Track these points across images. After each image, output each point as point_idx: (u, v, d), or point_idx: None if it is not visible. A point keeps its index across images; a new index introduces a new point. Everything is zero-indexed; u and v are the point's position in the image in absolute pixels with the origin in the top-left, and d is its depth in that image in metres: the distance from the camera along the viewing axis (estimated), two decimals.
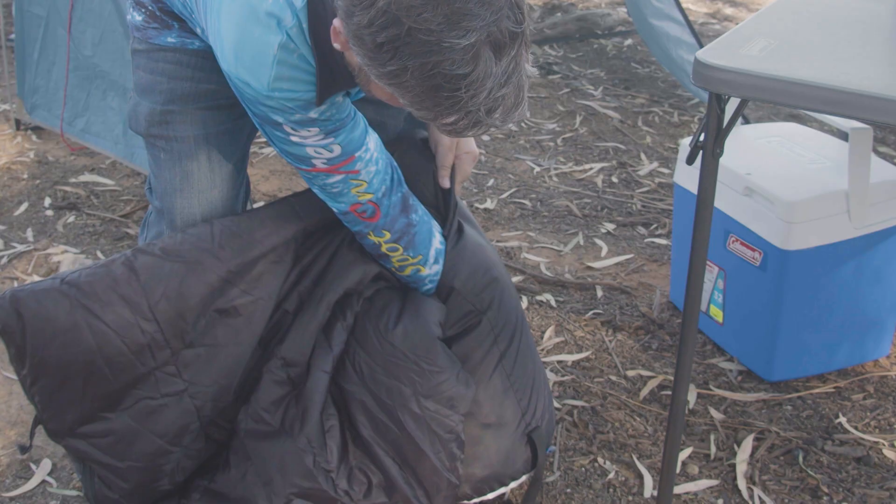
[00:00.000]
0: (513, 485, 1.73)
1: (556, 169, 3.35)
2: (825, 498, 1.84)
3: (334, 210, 1.57)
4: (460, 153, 1.73)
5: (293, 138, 1.42)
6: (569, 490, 1.85)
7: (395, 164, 1.59)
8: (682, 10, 3.67)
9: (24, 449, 1.61)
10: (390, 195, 1.56)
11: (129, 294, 1.52)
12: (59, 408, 1.54)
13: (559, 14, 5.12)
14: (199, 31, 1.51)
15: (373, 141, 1.51)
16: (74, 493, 1.83)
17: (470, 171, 1.76)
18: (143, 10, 1.58)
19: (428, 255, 1.63)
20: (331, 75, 1.34)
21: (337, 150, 1.45)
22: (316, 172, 1.48)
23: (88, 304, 1.50)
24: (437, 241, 1.64)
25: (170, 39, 1.58)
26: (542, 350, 2.28)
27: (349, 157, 1.47)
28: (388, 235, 1.58)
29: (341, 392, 1.61)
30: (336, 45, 1.25)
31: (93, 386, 1.52)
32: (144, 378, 1.54)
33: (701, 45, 3.26)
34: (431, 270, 1.64)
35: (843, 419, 2.06)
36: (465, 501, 1.70)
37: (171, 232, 1.67)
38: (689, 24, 3.66)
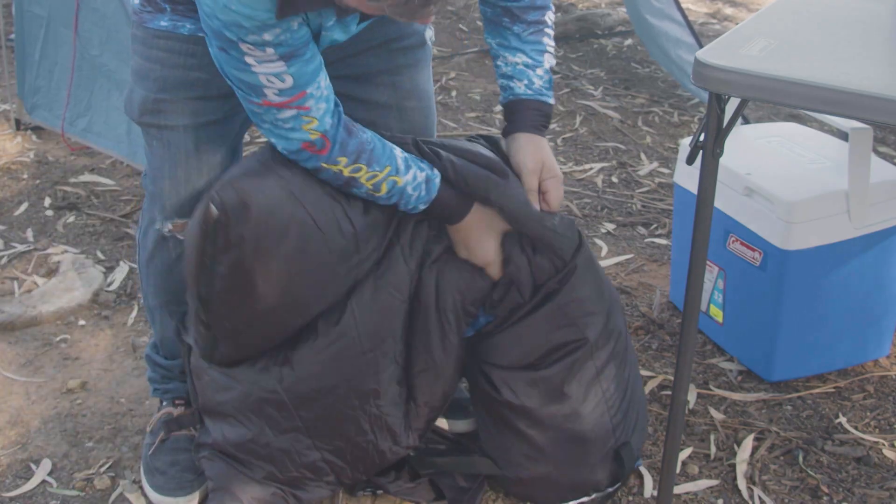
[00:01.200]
0: (595, 496, 1.79)
1: None
2: (825, 498, 1.84)
3: (284, 150, 1.55)
4: (546, 178, 1.71)
5: (247, 59, 1.40)
6: None
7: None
8: (681, 10, 3.67)
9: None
10: (337, 127, 1.54)
11: (335, 194, 1.61)
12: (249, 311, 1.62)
13: (559, 14, 5.12)
14: None
15: (324, 78, 1.50)
16: (74, 492, 1.83)
17: (561, 195, 1.74)
18: None
19: (396, 164, 1.58)
20: None
21: (289, 80, 1.43)
22: (267, 107, 1.46)
23: (302, 198, 1.58)
24: (400, 151, 1.61)
25: (162, 23, 1.59)
26: None
27: (301, 91, 1.45)
28: (344, 160, 1.54)
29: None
30: None
31: (292, 292, 1.62)
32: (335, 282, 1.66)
33: (700, 46, 3.26)
34: (409, 177, 1.59)
35: (843, 419, 2.06)
36: None
37: (162, 218, 1.70)
38: (689, 24, 3.66)
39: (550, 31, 1.76)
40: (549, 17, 1.76)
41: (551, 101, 1.77)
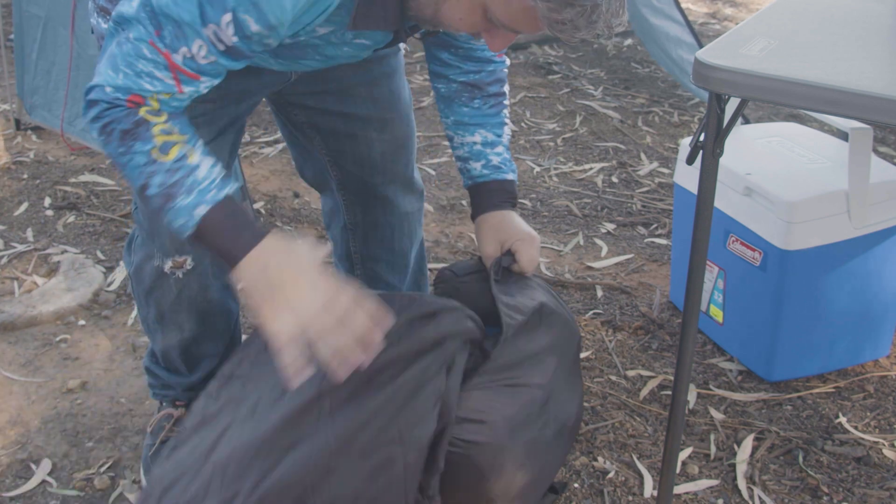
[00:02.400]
0: None
1: (556, 169, 3.35)
2: (825, 498, 1.84)
3: (108, 83, 1.26)
4: (514, 241, 1.62)
5: (211, 31, 1.23)
6: (569, 490, 1.85)
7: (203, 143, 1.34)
8: (681, 10, 3.67)
9: None
10: (182, 121, 1.32)
11: None
12: None
13: None
14: None
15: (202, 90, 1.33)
16: (74, 492, 1.83)
17: (535, 256, 1.61)
18: (108, 18, 1.52)
19: (196, 141, 1.30)
20: (371, 6, 1.32)
21: (205, 62, 1.27)
22: (163, 57, 1.25)
23: None
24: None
25: None
26: None
27: (197, 73, 1.28)
28: (153, 100, 1.28)
29: None
30: None
31: None
32: None
33: (700, 46, 3.26)
34: (206, 161, 1.29)
35: (843, 419, 2.06)
36: None
37: (161, 255, 1.64)
38: (689, 23, 3.66)
39: (507, 102, 1.71)
40: (507, 88, 1.72)
41: (511, 176, 1.70)
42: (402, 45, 1.79)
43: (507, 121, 1.73)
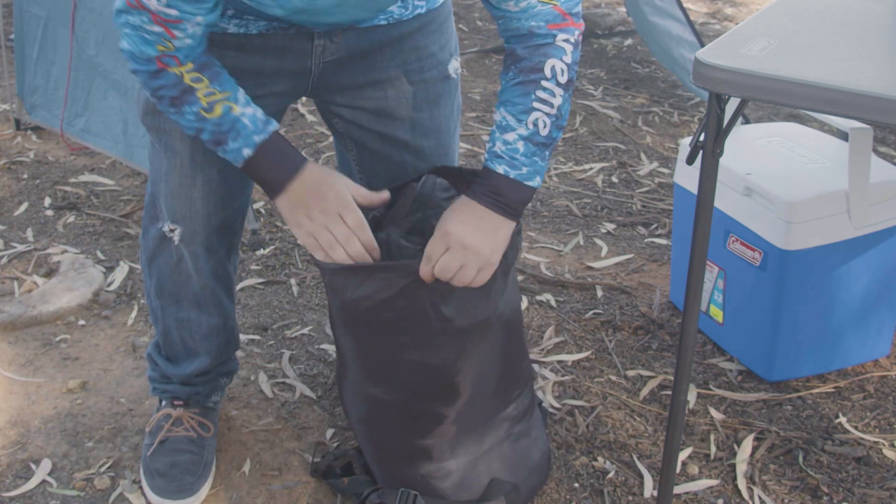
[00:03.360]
0: None
1: (556, 169, 3.35)
2: (825, 498, 1.84)
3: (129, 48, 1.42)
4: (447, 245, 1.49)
5: None
6: (569, 490, 1.85)
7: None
8: (683, 9, 3.67)
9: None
10: (194, 53, 1.45)
11: None
12: None
13: None
14: None
15: (200, 25, 1.42)
16: (74, 492, 1.83)
17: (449, 266, 1.48)
18: None
19: (237, 94, 1.47)
20: None
21: (173, 13, 1.35)
22: (139, 10, 1.36)
23: None
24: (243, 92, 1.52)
25: None
26: (542, 350, 2.28)
27: (178, 19, 1.36)
28: (190, 66, 1.44)
29: None
30: None
31: None
32: None
33: (702, 45, 3.26)
34: (248, 110, 1.47)
35: (843, 419, 2.06)
36: None
37: (162, 218, 1.69)
38: (691, 22, 3.66)
39: (552, 87, 1.46)
40: (555, 67, 1.45)
41: (500, 169, 1.48)
42: (453, 71, 1.71)
43: (544, 110, 1.47)
